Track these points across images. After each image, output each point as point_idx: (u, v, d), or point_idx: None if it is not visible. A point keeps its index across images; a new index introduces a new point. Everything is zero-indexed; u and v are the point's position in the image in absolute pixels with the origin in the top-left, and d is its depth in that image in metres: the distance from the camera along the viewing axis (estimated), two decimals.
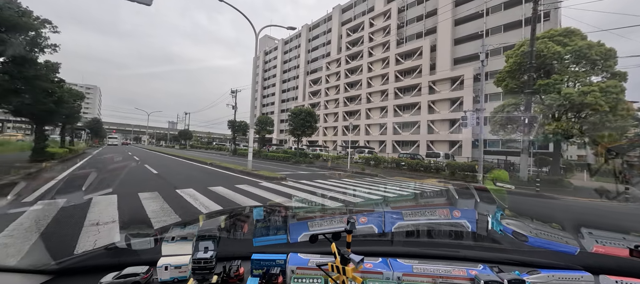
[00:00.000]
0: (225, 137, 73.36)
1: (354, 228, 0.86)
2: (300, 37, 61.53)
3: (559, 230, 1.49)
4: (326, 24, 55.20)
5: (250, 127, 13.20)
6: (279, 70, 66.19)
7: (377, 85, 42.51)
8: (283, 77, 65.82)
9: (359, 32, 46.73)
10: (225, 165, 14.17)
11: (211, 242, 1.00)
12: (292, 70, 63.04)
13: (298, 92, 59.68)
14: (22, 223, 3.60)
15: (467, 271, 0.95)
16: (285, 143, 56.67)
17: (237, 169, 12.58)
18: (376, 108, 41.97)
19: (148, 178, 8.98)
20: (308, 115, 22.25)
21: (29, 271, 0.95)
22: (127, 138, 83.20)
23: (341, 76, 48.47)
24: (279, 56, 66.86)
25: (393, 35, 40.64)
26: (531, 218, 1.72)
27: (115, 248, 1.13)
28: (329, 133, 48.96)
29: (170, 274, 0.88)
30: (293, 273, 0.93)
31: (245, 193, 7.09)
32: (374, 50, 43.93)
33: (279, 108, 64.25)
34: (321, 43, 56.38)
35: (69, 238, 3.15)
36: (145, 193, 6.07)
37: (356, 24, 47.54)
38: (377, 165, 20.80)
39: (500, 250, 1.28)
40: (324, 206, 2.29)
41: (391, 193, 8.82)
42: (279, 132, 59.34)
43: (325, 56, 54.09)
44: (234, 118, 34.98)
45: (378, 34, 43.83)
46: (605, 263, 1.06)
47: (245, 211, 1.96)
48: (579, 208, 8.54)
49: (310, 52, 58.93)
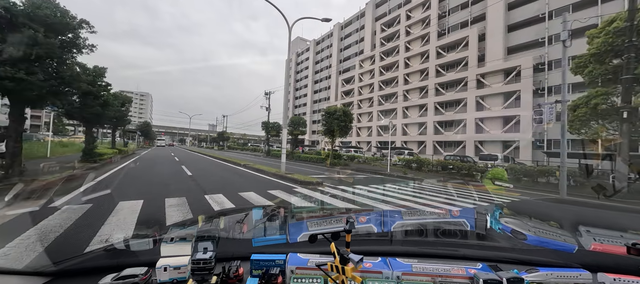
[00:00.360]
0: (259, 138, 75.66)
1: (353, 228, 0.86)
2: (332, 36, 60.61)
3: (557, 228, 1.50)
4: (359, 21, 53.41)
5: (283, 127, 12.35)
6: (311, 71, 66.01)
7: (415, 81, 39.59)
8: (315, 77, 65.50)
9: (395, 26, 44.14)
10: (258, 167, 13.62)
11: (210, 243, 1.00)
12: (324, 70, 62.35)
13: (330, 92, 58.75)
14: (41, 227, 3.54)
15: (466, 269, 0.94)
16: (317, 144, 56.16)
17: (270, 172, 11.87)
18: (414, 106, 39.05)
19: (181, 180, 8.65)
20: (343, 115, 20.99)
21: (27, 273, 0.96)
22: (173, 140, 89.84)
23: (375, 74, 46.30)
24: (311, 57, 66.73)
25: (433, 26, 37.44)
26: (529, 216, 1.74)
27: (114, 249, 1.13)
28: (362, 133, 47.08)
29: (170, 275, 0.85)
30: (292, 273, 0.92)
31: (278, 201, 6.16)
32: (412, 44, 41.03)
33: (311, 109, 64.00)
34: (354, 41, 54.72)
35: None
36: (172, 199, 5.67)
37: (391, 18, 45.02)
38: (420, 168, 18.73)
39: (499, 249, 1.27)
40: (323, 206, 2.18)
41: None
42: (311, 133, 59.03)
43: (358, 54, 52.32)
44: (267, 120, 35.17)
45: (416, 27, 40.86)
46: (603, 261, 1.06)
47: (244, 212, 1.95)
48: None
49: (343, 50, 57.60)
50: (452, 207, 2.48)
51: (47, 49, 5.87)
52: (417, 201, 7.03)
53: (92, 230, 3.61)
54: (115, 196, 5.67)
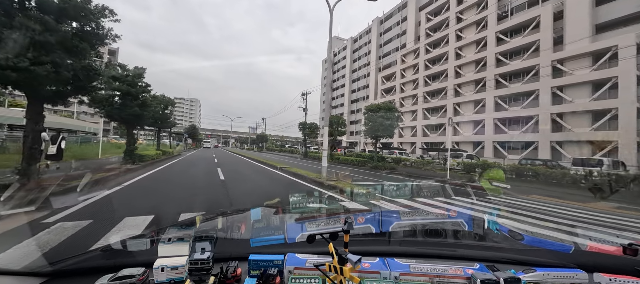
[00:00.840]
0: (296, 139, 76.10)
1: (352, 228, 0.85)
2: (370, 32, 57.70)
3: (554, 229, 1.80)
4: (400, 13, 49.63)
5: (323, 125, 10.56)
6: (348, 70, 63.81)
7: (469, 73, 34.78)
8: (352, 76, 63.14)
9: (443, 13, 39.67)
10: (296, 171, 12.10)
11: (208, 243, 0.99)
12: (362, 68, 59.64)
13: (369, 90, 55.83)
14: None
15: (464, 270, 0.94)
16: (355, 146, 53.73)
17: (309, 177, 10.22)
18: (468, 101, 34.27)
19: (210, 186, 7.58)
20: (388, 112, 18.55)
21: (23, 273, 0.95)
22: (218, 142, 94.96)
23: (420, 68, 42.24)
24: (348, 55, 64.59)
25: (492, 8, 32.38)
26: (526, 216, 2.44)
27: (110, 249, 1.12)
28: (405, 133, 43.31)
29: (167, 275, 0.85)
30: (291, 274, 0.92)
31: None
32: (465, 31, 36.25)
33: (349, 109, 61.77)
34: (394, 35, 51.05)
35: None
36: (188, 215, 4.35)
37: (438, 5, 40.60)
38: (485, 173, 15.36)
39: (496, 249, 1.27)
40: (321, 206, 1.87)
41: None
42: (348, 134, 56.81)
43: (400, 48, 48.57)
44: (304, 120, 34.09)
45: (469, 12, 36.00)
46: (599, 261, 1.07)
47: (242, 212, 1.93)
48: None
49: (382, 46, 54.26)
50: (450, 207, 2.38)
51: (58, 37, 5.05)
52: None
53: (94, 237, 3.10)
54: (123, 208, 4.57)
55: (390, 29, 52.51)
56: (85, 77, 6.07)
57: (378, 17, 55.47)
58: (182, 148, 39.56)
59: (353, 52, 64.05)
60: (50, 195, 5.07)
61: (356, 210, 1.84)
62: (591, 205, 8.03)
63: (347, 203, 6.39)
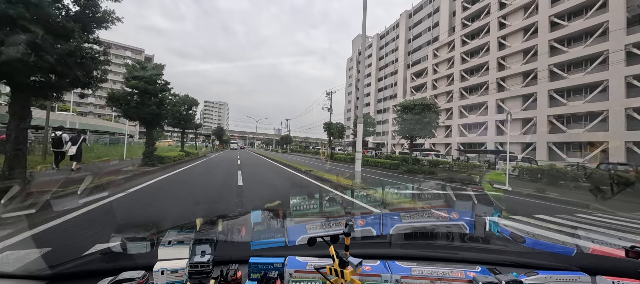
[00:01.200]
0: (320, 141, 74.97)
1: (352, 231, 0.84)
2: (397, 27, 54.71)
3: (556, 231, 1.73)
4: (431, 4, 46.13)
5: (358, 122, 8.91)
6: (374, 68, 61.16)
7: (515, 65, 30.80)
8: (379, 74, 60.45)
9: (482, 0, 35.83)
10: (323, 175, 10.58)
11: (208, 246, 0.99)
12: (389, 65, 56.76)
13: (397, 88, 52.84)
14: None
15: (465, 273, 0.94)
16: (382, 147, 51.09)
17: (340, 183, 8.65)
18: (515, 97, 30.29)
19: (226, 194, 6.59)
20: (425, 109, 16.30)
21: (23, 276, 0.95)
22: (245, 143, 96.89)
23: (455, 62, 38.67)
24: (374, 53, 61.98)
25: None
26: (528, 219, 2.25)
27: (110, 252, 1.13)
28: (439, 133, 39.86)
29: (167, 278, 0.84)
30: (291, 277, 0.92)
31: None
32: (509, 18, 32.26)
33: (375, 109, 59.12)
34: (425, 28, 47.62)
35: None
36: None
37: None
38: (554, 182, 12.54)
39: (498, 251, 1.25)
40: (322, 208, 1.61)
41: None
42: (375, 135, 54.23)
43: (431, 42, 45.14)
44: (329, 120, 32.53)
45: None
46: (601, 264, 1.06)
47: (242, 215, 1.94)
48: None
49: (411, 41, 51.02)
50: (451, 209, 1.55)
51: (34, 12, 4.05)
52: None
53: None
54: (105, 227, 3.55)
55: (420, 22, 49.15)
56: (76, 65, 5.08)
57: (407, 11, 52.35)
58: (209, 150, 40.09)
59: (379, 49, 61.41)
60: (51, 198, 4.39)
61: (357, 213, 1.65)
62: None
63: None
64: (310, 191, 1.66)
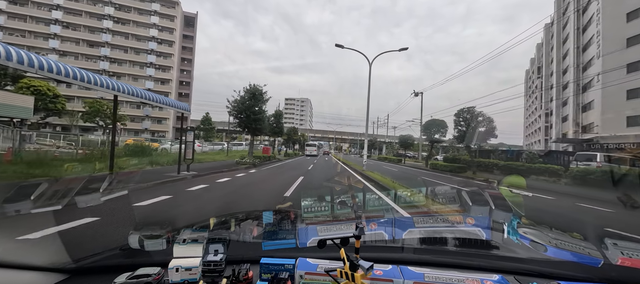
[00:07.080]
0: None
1: (363, 233, 0.84)
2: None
3: (581, 240, 1.40)
4: None
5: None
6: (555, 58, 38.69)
7: None
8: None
9: None
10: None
11: (221, 245, 1.02)
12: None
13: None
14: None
15: (482, 281, 0.91)
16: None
17: None
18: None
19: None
20: None
21: (46, 269, 0.97)
22: (330, 147, 72.06)
23: None
24: (554, 44, 36.85)
25: None
26: (550, 226, 1.65)
27: (129, 248, 1.16)
28: None
29: (181, 276, 0.88)
30: (301, 278, 0.94)
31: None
32: None
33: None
34: None
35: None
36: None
37: None
38: None
39: (517, 260, 1.19)
40: (333, 210, 1.59)
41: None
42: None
43: None
44: (420, 114, 25.96)
45: None
46: (631, 277, 1.00)
47: (255, 215, 1.98)
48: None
49: None
50: (467, 214, 1.56)
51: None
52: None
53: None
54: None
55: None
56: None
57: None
58: (275, 155, 27.82)
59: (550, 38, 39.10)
60: (76, 194, 4.72)
61: (368, 216, 1.55)
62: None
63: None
64: (321, 193, 1.73)
